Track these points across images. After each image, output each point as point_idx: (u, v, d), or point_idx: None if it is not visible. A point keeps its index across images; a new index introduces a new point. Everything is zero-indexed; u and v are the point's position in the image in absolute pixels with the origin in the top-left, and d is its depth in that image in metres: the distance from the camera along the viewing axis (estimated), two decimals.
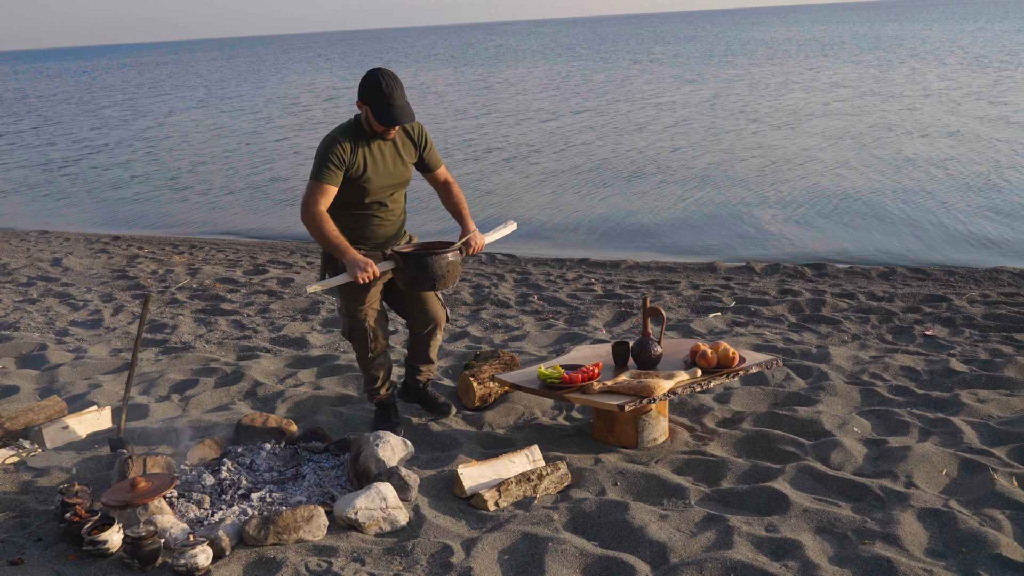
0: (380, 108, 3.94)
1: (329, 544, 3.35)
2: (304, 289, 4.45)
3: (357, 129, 4.06)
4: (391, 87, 3.93)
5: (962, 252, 9.51)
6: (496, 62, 52.50)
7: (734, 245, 10.23)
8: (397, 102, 3.94)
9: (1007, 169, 13.36)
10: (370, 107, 3.96)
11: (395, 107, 3.94)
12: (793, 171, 14.05)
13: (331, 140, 4.01)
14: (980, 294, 7.35)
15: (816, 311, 6.96)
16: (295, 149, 19.85)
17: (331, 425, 4.65)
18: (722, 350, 4.28)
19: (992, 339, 6.00)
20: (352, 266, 3.99)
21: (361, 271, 3.97)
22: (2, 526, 3.57)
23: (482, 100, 29.03)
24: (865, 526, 3.41)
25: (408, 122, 4.05)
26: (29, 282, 8.87)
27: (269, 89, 40.06)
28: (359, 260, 3.99)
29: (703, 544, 3.34)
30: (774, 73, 32.75)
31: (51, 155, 21.42)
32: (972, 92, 23.15)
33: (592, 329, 6.59)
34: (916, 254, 9.51)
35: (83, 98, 41.59)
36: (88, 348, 6.33)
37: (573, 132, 19.97)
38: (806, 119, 19.84)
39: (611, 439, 4.30)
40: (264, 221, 13.14)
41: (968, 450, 4.10)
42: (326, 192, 3.99)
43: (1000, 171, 13.24)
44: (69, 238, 11.94)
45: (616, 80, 33.81)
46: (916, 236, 10.18)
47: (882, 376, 5.22)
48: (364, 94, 3.96)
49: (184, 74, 60.62)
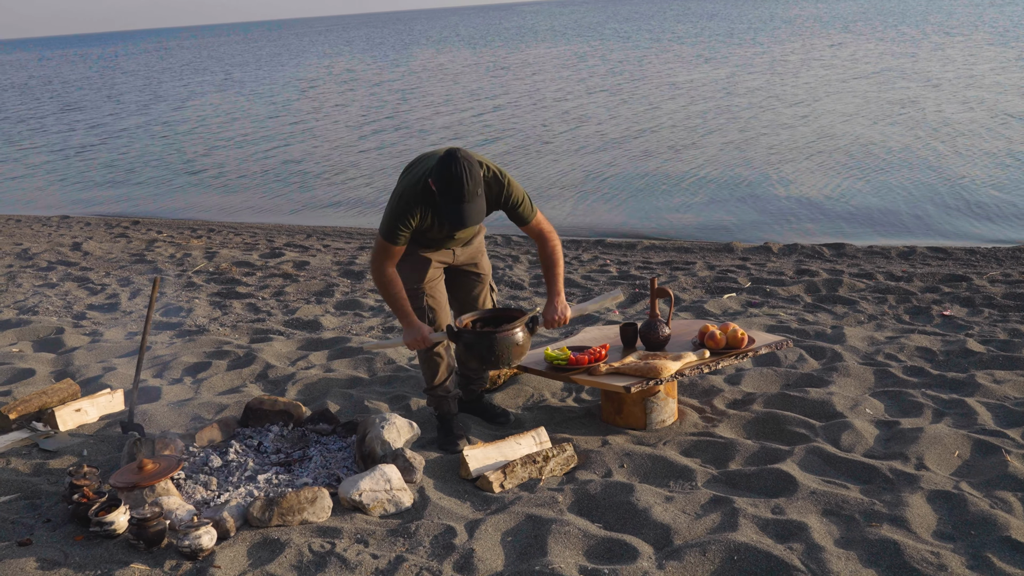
0: (447, 206, 3.60)
1: (333, 526, 3.36)
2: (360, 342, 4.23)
3: (427, 195, 3.73)
4: (462, 186, 3.53)
5: (985, 230, 9.36)
6: (516, 42, 52.21)
7: (752, 225, 10.13)
8: (467, 202, 3.57)
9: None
10: (438, 195, 3.63)
11: (463, 210, 3.59)
12: (812, 150, 13.87)
13: (405, 203, 3.73)
14: (1001, 273, 7.23)
15: (833, 291, 6.88)
16: (313, 132, 19.89)
17: (341, 407, 4.66)
18: (731, 331, 4.24)
19: (1012, 319, 5.91)
20: (408, 333, 3.89)
21: (414, 340, 3.88)
22: (13, 507, 3.61)
23: (499, 81, 28.91)
24: (873, 508, 3.37)
25: (472, 225, 3.69)
26: (49, 267, 8.96)
27: (288, 72, 40.12)
28: (415, 329, 3.87)
29: (708, 526, 3.31)
30: (794, 50, 32.31)
31: (71, 141, 21.61)
32: (997, 67, 22.73)
33: (605, 310, 6.55)
34: (937, 233, 9.38)
35: (105, 83, 41.88)
36: (104, 332, 6.38)
37: (588, 112, 19.84)
38: (825, 97, 19.57)
39: (619, 421, 4.27)
40: (280, 204, 13.18)
41: (982, 431, 4.04)
42: (396, 253, 3.83)
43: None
44: (90, 223, 12.05)
45: (633, 59, 33.50)
46: (938, 214, 10.03)
47: (897, 357, 5.15)
48: (437, 180, 3.59)
49: (204, 59, 60.88)
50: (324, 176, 14.81)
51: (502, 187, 3.80)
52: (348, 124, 20.86)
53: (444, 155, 3.60)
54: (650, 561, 3.08)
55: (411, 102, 24.51)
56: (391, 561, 3.12)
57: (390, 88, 29.08)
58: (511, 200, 3.84)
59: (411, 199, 3.72)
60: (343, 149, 17.35)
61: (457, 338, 3.86)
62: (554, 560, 3.07)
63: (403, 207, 3.73)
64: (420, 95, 26.11)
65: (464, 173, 3.53)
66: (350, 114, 22.77)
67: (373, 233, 10.62)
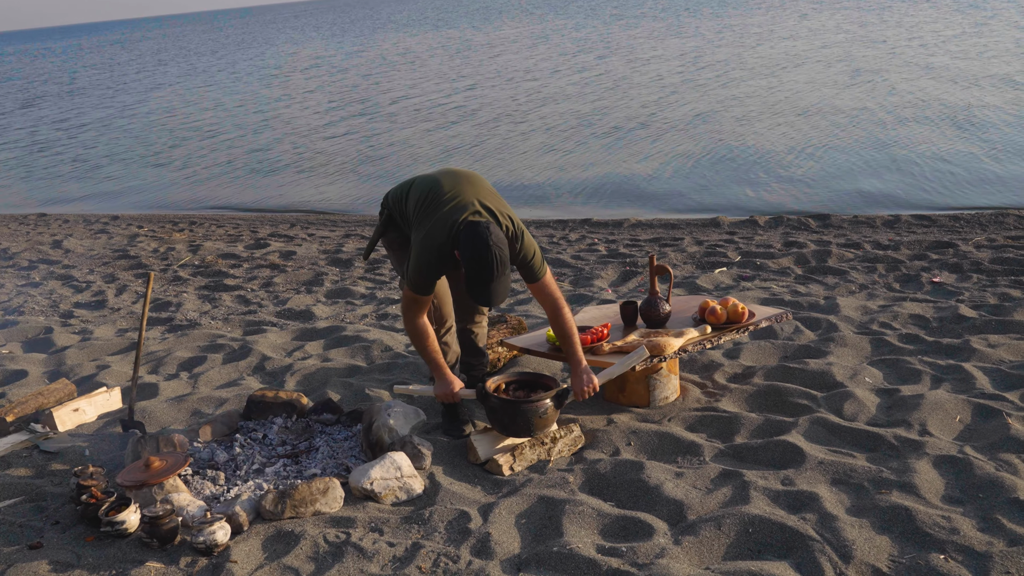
0: (475, 285, 3.55)
1: (346, 515, 3.35)
2: (395, 388, 4.14)
3: (451, 259, 3.67)
4: (491, 269, 3.49)
5: (966, 196, 9.44)
6: (482, 23, 51.87)
7: (736, 199, 10.16)
8: (495, 280, 3.53)
9: (1003, 110, 13.23)
10: (465, 274, 3.57)
11: (491, 289, 3.54)
12: (787, 121, 13.92)
13: (430, 265, 3.67)
14: (986, 238, 7.30)
15: (822, 262, 6.93)
16: (283, 119, 19.71)
17: (342, 396, 4.64)
18: (731, 305, 4.26)
19: (1000, 283, 5.97)
20: (439, 385, 3.88)
21: (444, 393, 3.88)
22: (19, 510, 3.57)
23: (466, 63, 28.73)
24: (881, 476, 3.41)
25: (501, 302, 3.66)
26: (31, 265, 8.84)
27: (256, 60, 39.68)
28: (446, 382, 3.87)
29: (720, 500, 3.34)
30: (762, 23, 32.34)
31: (37, 137, 21.27)
32: (964, 32, 22.88)
33: (598, 290, 6.56)
34: (920, 200, 9.45)
35: (69, 78, 41.23)
36: (94, 329, 6.31)
37: (559, 91, 19.77)
38: (795, 68, 19.63)
39: (623, 399, 4.29)
40: (260, 193, 13.06)
41: (981, 395, 4.09)
42: (426, 303, 3.78)
43: (996, 111, 13.11)
44: (68, 220, 11.89)
45: (598, 37, 33.41)
46: (919, 181, 10.11)
47: (891, 325, 5.20)
48: (464, 258, 3.52)
49: (171, 48, 60.02)
50: (298, 164, 14.68)
51: (518, 243, 3.73)
52: (317, 111, 20.68)
53: (473, 234, 3.50)
54: (666, 537, 3.10)
55: (382, 85, 24.33)
56: (408, 548, 3.12)
57: (357, 73, 28.83)
58: (523, 256, 3.76)
59: (436, 255, 3.65)
60: (314, 136, 17.19)
61: (484, 400, 3.83)
62: (571, 540, 3.08)
63: (430, 264, 3.66)
64: (389, 79, 25.92)
65: (494, 258, 3.49)
66: (318, 100, 22.56)
67: (358, 220, 10.56)
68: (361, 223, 10.33)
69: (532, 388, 3.94)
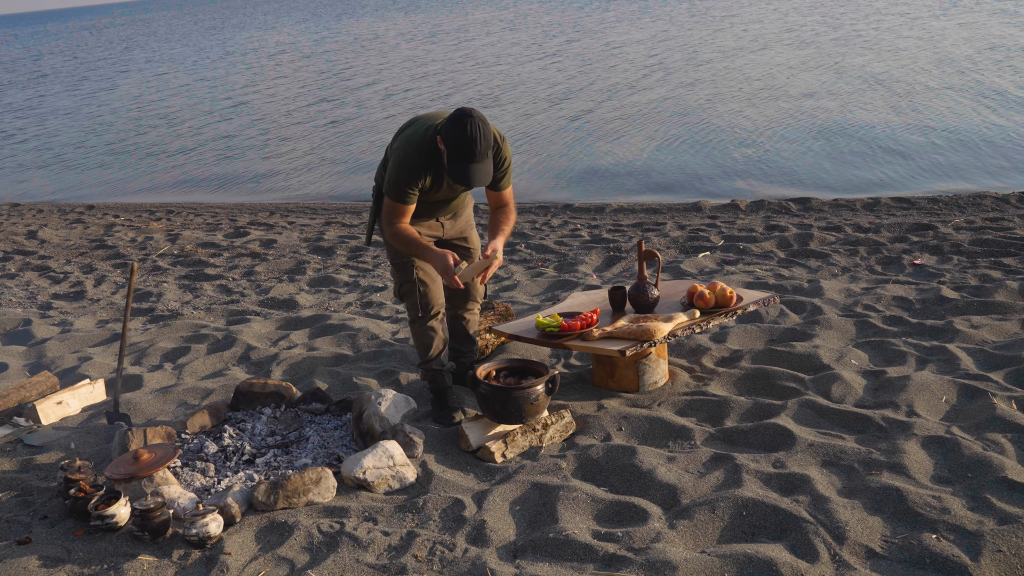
0: (456, 164, 3.55)
1: (339, 505, 3.34)
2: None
3: (432, 154, 3.68)
4: (474, 145, 3.49)
5: (943, 179, 9.53)
6: (452, 6, 51.56)
7: (716, 183, 10.20)
8: (477, 162, 3.54)
9: (981, 94, 13.36)
10: (447, 154, 3.56)
11: (472, 169, 3.55)
12: (763, 104, 13.97)
13: (411, 165, 3.67)
14: (965, 220, 7.37)
15: (804, 246, 6.97)
16: (252, 107, 19.52)
17: (329, 386, 4.61)
18: (719, 290, 4.27)
19: (980, 265, 6.04)
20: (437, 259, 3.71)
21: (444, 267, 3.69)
22: (5, 505, 3.52)
23: (437, 47, 28.57)
24: (871, 457, 3.44)
25: (480, 185, 3.66)
26: (6, 256, 8.71)
27: (225, 47, 39.22)
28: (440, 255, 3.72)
29: (713, 484, 3.35)
30: (737, 4, 32.40)
31: (8, 127, 20.94)
32: (939, 12, 23.07)
33: (583, 275, 6.56)
34: (898, 183, 9.53)
35: (36, 65, 40.56)
36: (74, 321, 6.23)
37: (525, 76, 19.71)
38: (768, 49, 19.69)
39: (612, 384, 4.29)
40: (235, 182, 12.93)
41: (966, 376, 4.13)
42: (407, 212, 3.77)
43: (973, 95, 13.23)
44: (42, 210, 11.72)
45: (569, 21, 33.33)
46: (896, 164, 10.19)
47: (875, 307, 5.24)
48: (447, 137, 3.53)
49: (140, 35, 59.16)
50: (273, 151, 14.56)
51: (499, 147, 3.75)
52: (287, 97, 20.49)
53: (457, 113, 3.53)
54: (661, 522, 3.11)
55: (353, 69, 24.14)
56: (403, 537, 3.11)
57: (327, 59, 28.59)
58: (502, 156, 3.79)
59: (414, 160, 3.65)
60: (288, 123, 17.04)
61: (474, 387, 3.81)
62: (567, 526, 3.09)
63: (411, 164, 3.66)
64: (360, 63, 25.72)
65: (478, 133, 3.49)
66: (289, 88, 22.35)
67: (338, 208, 10.48)
68: (341, 211, 10.26)
69: (522, 375, 3.94)
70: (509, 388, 3.74)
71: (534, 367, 3.94)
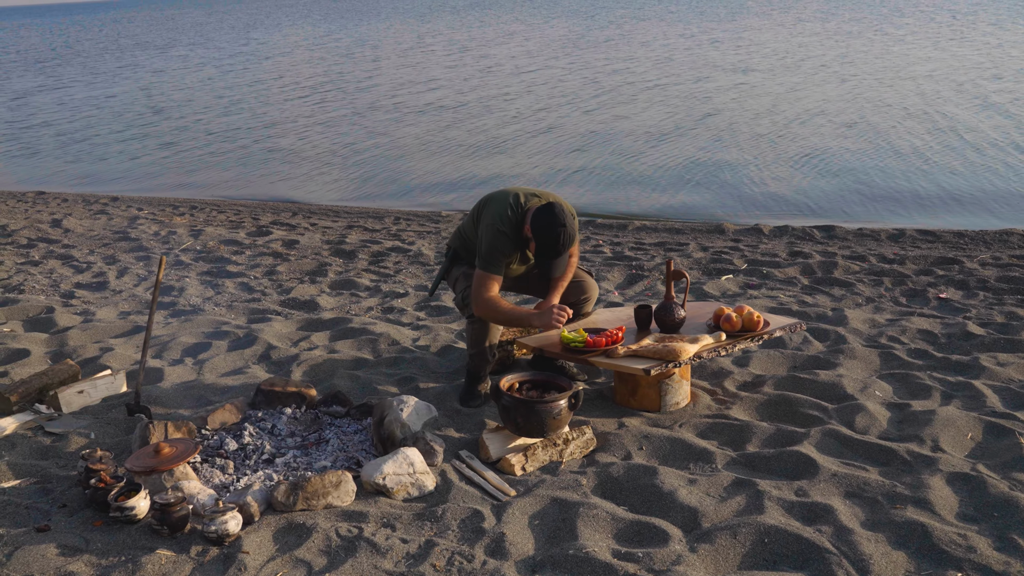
0: (541, 257, 4.06)
1: (358, 510, 3.33)
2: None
3: (519, 236, 4.11)
4: (560, 247, 3.98)
5: (968, 215, 9.46)
6: (480, 21, 51.78)
7: (738, 206, 10.16)
8: (559, 256, 4.03)
9: (1009, 130, 13.28)
10: (536, 246, 4.03)
11: (554, 265, 4.07)
12: (792, 132, 13.94)
13: (504, 239, 4.07)
14: (991, 256, 7.32)
15: (828, 273, 6.93)
16: (282, 111, 19.64)
17: (349, 389, 4.61)
18: (746, 313, 4.25)
19: (1007, 302, 5.98)
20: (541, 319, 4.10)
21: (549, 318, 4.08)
22: (25, 492, 3.53)
23: (464, 59, 28.68)
24: (895, 490, 3.40)
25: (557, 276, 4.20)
26: (30, 244, 8.77)
27: (251, 46, 39.51)
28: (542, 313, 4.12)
29: (734, 509, 3.32)
30: (764, 26, 32.39)
31: (27, 113, 21.13)
32: (970, 43, 22.99)
33: (604, 292, 6.54)
34: (923, 216, 9.47)
35: (68, 56, 40.94)
36: (96, 311, 6.26)
37: (564, 94, 19.76)
38: (800, 81, 19.67)
39: (633, 403, 4.27)
40: (260, 180, 12.99)
41: (992, 414, 4.09)
42: (497, 281, 4.14)
43: (1003, 131, 13.17)
44: (67, 199, 11.80)
45: (597, 39, 33.41)
46: (922, 197, 10.13)
47: (900, 339, 5.20)
48: (537, 233, 3.98)
49: (167, 30, 59.69)
50: (301, 152, 14.63)
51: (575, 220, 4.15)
52: (318, 101, 20.61)
53: (546, 209, 3.97)
54: (682, 544, 3.09)
55: (398, 76, 24.28)
56: (421, 546, 3.10)
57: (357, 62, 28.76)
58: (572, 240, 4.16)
59: (506, 236, 4.07)
60: (312, 123, 17.13)
61: (497, 398, 3.82)
62: (587, 544, 3.06)
63: (502, 243, 4.07)
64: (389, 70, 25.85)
65: (565, 236, 3.96)
66: (326, 90, 22.49)
67: (360, 212, 10.51)
68: (363, 215, 10.28)
69: (546, 388, 3.92)
70: (532, 401, 3.73)
71: (558, 382, 3.92)
